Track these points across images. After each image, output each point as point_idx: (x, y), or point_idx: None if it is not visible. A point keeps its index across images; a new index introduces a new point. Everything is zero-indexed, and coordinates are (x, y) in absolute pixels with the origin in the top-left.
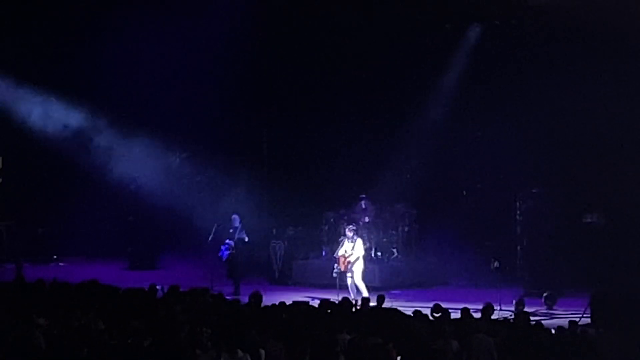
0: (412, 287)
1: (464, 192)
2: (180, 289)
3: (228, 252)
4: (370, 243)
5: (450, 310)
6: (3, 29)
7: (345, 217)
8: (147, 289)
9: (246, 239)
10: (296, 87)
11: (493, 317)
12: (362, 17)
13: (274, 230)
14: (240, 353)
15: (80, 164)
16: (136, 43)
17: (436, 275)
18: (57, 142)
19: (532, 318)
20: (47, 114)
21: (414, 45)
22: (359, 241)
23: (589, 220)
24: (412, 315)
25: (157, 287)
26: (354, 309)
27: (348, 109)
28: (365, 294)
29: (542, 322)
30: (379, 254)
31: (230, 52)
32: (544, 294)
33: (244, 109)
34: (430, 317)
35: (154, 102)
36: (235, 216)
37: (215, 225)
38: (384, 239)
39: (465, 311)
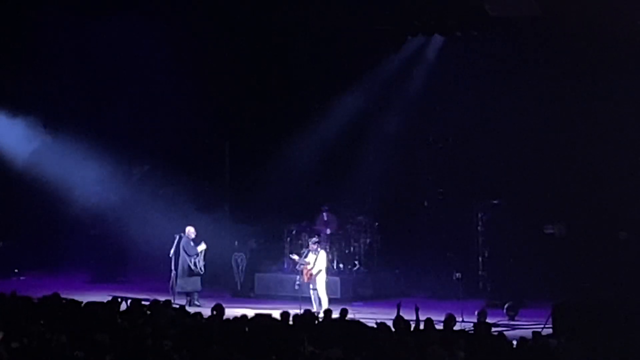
0: (374, 299)
1: (425, 204)
2: (143, 302)
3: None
4: (332, 255)
5: (411, 322)
6: None
7: (307, 229)
8: (109, 302)
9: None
10: (258, 100)
11: (455, 328)
12: (323, 29)
13: (236, 242)
14: None
15: (40, 177)
16: (96, 56)
17: (398, 287)
18: (17, 156)
19: (494, 329)
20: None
21: (374, 56)
22: (322, 253)
23: (550, 231)
24: (374, 327)
25: (119, 299)
26: (316, 321)
27: (309, 120)
28: (326, 305)
29: (504, 332)
30: (341, 265)
31: (191, 65)
32: (506, 305)
33: (206, 121)
34: (393, 329)
35: (116, 115)
36: (192, 229)
37: (177, 237)
38: (346, 251)
39: (429, 322)
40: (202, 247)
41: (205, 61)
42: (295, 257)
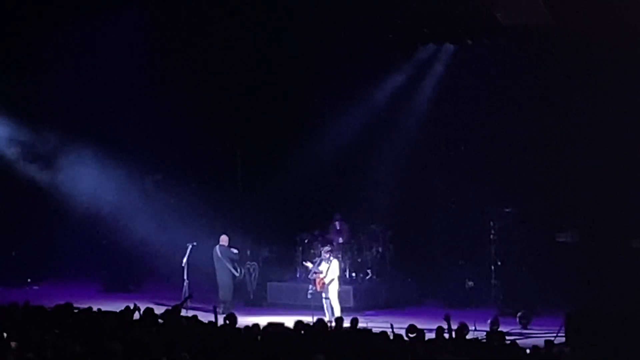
0: (387, 307)
1: (438, 212)
2: (155, 311)
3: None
4: (344, 264)
5: (425, 330)
6: None
7: (320, 238)
8: (122, 311)
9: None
10: (269, 109)
11: (468, 337)
12: (334, 38)
13: (248, 252)
14: None
15: (53, 186)
16: (107, 64)
17: (411, 295)
18: (28, 166)
19: (506, 337)
20: (14, 139)
21: (386, 64)
22: (335, 262)
23: (562, 239)
24: (386, 335)
25: (131, 306)
26: (328, 330)
27: (321, 129)
28: (339, 314)
29: (517, 341)
30: (354, 274)
31: (202, 73)
32: (519, 313)
33: (217, 130)
34: (405, 338)
35: (127, 124)
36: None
37: (190, 246)
38: (358, 260)
39: (440, 330)
40: (234, 251)
41: (217, 70)
42: (309, 264)
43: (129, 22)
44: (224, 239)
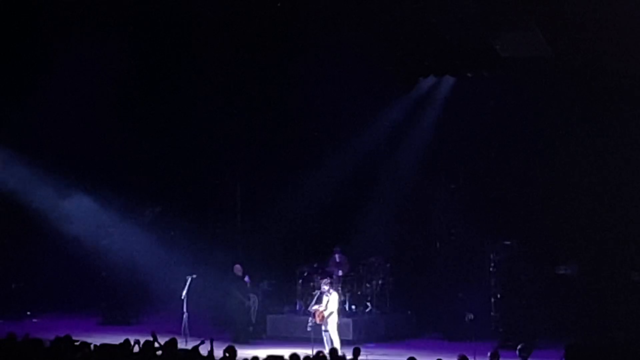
0: (386, 340)
1: (437, 245)
2: (154, 344)
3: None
4: (344, 296)
5: None
6: None
7: (320, 271)
8: (121, 344)
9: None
10: (269, 142)
11: None
12: (335, 70)
13: (248, 284)
14: None
15: (53, 219)
16: (107, 97)
17: (410, 328)
18: (26, 199)
19: None
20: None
21: (386, 97)
22: (334, 294)
23: (562, 271)
24: None
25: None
26: None
27: (321, 162)
28: (339, 347)
29: None
30: (353, 307)
31: (202, 107)
32: (519, 346)
33: (218, 163)
34: None
35: (127, 156)
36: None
37: (189, 278)
38: (358, 292)
39: None
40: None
41: (217, 104)
42: (316, 307)
43: (128, 55)
44: (237, 269)
